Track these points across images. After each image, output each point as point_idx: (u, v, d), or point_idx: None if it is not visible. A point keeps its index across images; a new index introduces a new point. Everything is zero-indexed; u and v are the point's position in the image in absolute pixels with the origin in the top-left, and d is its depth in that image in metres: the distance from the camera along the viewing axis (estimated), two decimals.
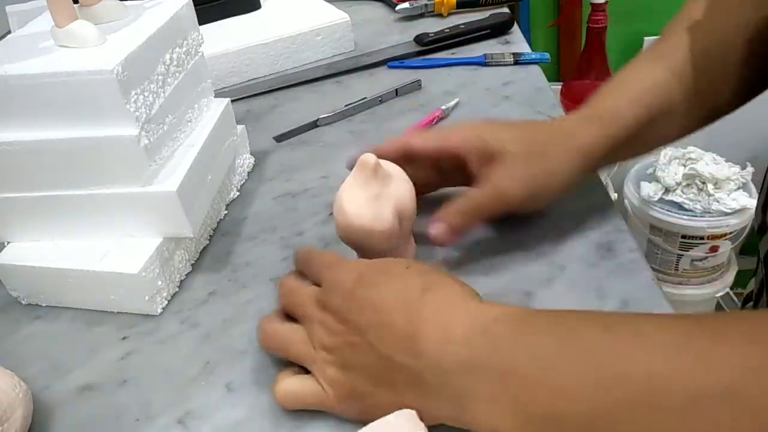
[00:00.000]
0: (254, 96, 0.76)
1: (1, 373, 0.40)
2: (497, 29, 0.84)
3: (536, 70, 0.75)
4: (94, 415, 0.41)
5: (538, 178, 0.44)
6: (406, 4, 0.91)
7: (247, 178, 0.62)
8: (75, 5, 0.46)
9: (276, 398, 0.39)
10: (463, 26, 0.83)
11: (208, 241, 0.54)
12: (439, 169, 0.49)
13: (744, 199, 1.41)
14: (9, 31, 0.72)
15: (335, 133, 0.67)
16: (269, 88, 0.77)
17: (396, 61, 0.80)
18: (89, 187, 0.47)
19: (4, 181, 0.47)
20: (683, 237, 1.45)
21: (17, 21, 0.71)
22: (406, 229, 0.44)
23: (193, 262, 0.52)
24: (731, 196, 1.42)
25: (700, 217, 1.42)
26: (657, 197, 1.46)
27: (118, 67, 0.41)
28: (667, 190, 1.47)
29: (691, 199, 1.44)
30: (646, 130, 0.46)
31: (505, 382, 0.31)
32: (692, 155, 1.47)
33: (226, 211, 0.58)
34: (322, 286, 0.39)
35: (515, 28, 0.85)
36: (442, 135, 0.47)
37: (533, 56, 0.76)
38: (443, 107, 0.67)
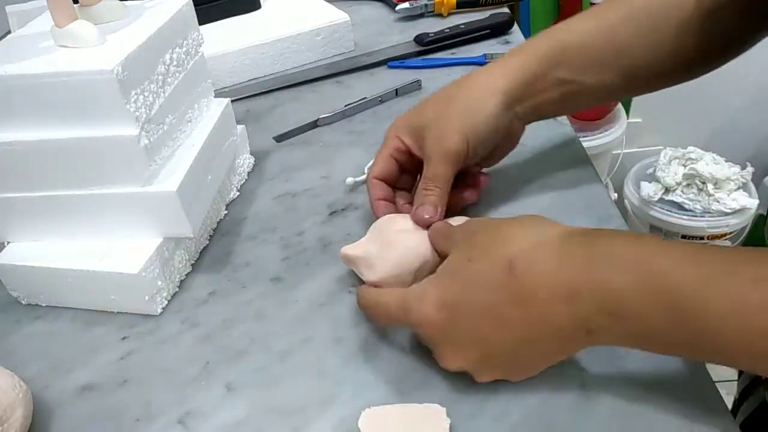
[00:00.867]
0: (254, 96, 0.76)
1: (1, 373, 0.40)
2: (497, 29, 0.84)
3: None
4: (94, 415, 0.41)
5: (464, 125, 0.47)
6: (406, 4, 0.91)
7: (247, 178, 0.62)
8: (75, 5, 0.46)
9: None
10: (463, 26, 0.83)
11: (208, 241, 0.54)
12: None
13: (744, 199, 1.41)
14: (9, 31, 0.72)
15: (335, 133, 0.67)
16: (269, 88, 0.77)
17: (396, 61, 0.80)
18: (89, 187, 0.47)
19: (4, 181, 0.47)
20: (683, 237, 1.45)
21: (17, 21, 0.71)
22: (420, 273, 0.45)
23: (193, 262, 0.52)
24: (731, 196, 1.42)
25: (700, 217, 1.42)
26: (657, 197, 1.46)
27: (118, 67, 0.41)
28: (667, 190, 1.47)
29: (691, 199, 1.44)
30: (564, 70, 0.48)
31: (643, 327, 0.33)
32: (692, 155, 1.47)
33: (226, 211, 0.58)
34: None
35: (515, 28, 0.85)
36: (387, 147, 0.50)
37: None
38: None
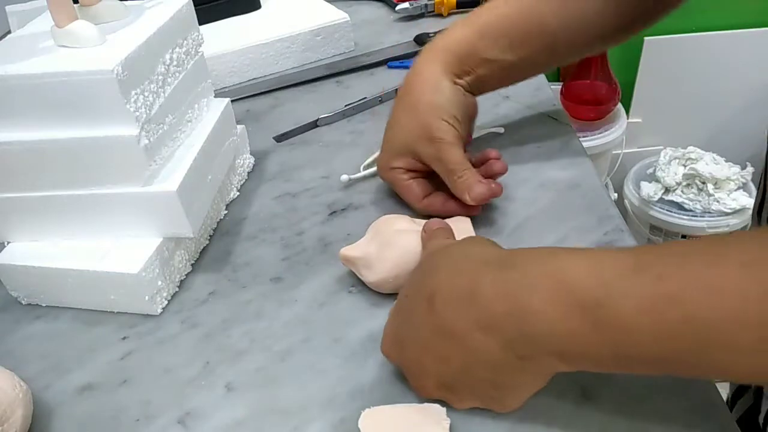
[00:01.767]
0: (254, 96, 0.76)
1: (1, 373, 0.40)
2: None
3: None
4: (94, 415, 0.41)
5: (434, 116, 0.50)
6: (406, 4, 0.91)
7: (247, 178, 0.62)
8: (75, 5, 0.46)
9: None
10: None
11: (208, 241, 0.54)
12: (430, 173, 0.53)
13: (744, 199, 1.41)
14: (9, 31, 0.72)
15: (335, 133, 0.67)
16: (269, 88, 0.77)
17: (396, 61, 0.80)
18: (89, 187, 0.47)
19: (4, 181, 0.47)
20: (683, 237, 1.45)
21: (17, 21, 0.71)
22: None
23: (193, 262, 0.52)
24: (731, 196, 1.42)
25: (700, 217, 1.42)
26: (657, 197, 1.46)
27: (118, 67, 0.41)
28: (667, 190, 1.47)
29: (691, 199, 1.44)
30: (485, 52, 0.52)
31: (578, 324, 0.31)
32: (692, 155, 1.47)
33: (226, 211, 0.58)
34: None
35: None
36: (399, 184, 0.53)
37: None
38: None
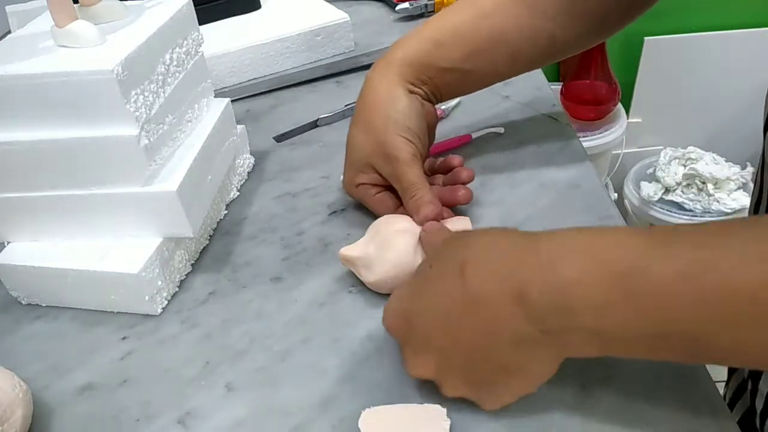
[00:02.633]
0: (254, 96, 0.76)
1: (1, 373, 0.40)
2: None
3: (536, 70, 0.75)
4: (94, 415, 0.41)
5: (390, 132, 0.49)
6: (406, 4, 0.91)
7: (247, 178, 0.62)
8: (75, 5, 0.46)
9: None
10: None
11: (208, 241, 0.54)
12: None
13: (744, 199, 1.41)
14: (9, 31, 0.72)
15: (335, 133, 0.67)
16: (269, 88, 0.77)
17: None
18: (89, 187, 0.47)
19: (4, 181, 0.47)
20: None
21: (17, 21, 0.71)
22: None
23: (193, 262, 0.52)
24: (731, 196, 1.42)
25: (700, 217, 1.42)
26: (657, 197, 1.46)
27: (118, 67, 0.41)
28: (667, 190, 1.47)
29: (691, 199, 1.44)
30: (441, 61, 0.52)
31: (615, 294, 0.31)
32: (692, 155, 1.47)
33: (226, 211, 0.58)
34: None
35: None
36: (368, 199, 0.53)
37: None
38: (443, 107, 0.67)
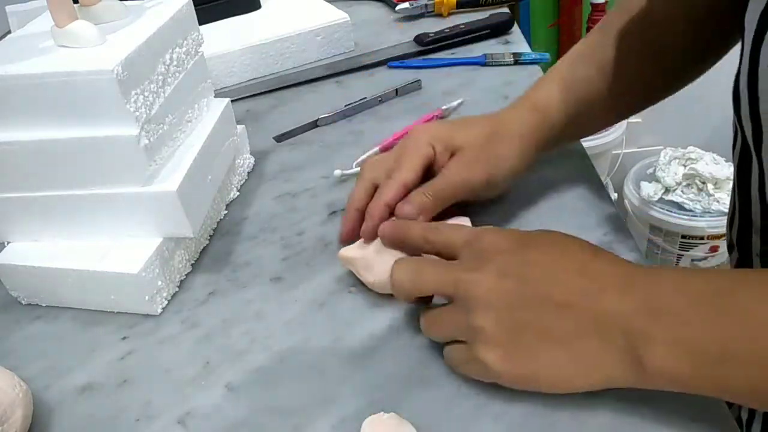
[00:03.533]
0: (254, 96, 0.76)
1: (1, 373, 0.40)
2: (497, 29, 0.84)
3: (536, 70, 0.75)
4: (94, 415, 0.41)
5: (492, 166, 0.49)
6: (406, 4, 0.91)
7: (247, 178, 0.62)
8: (75, 5, 0.46)
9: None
10: (463, 26, 0.83)
11: (208, 241, 0.54)
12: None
13: None
14: (9, 31, 0.72)
15: (335, 133, 0.67)
16: (269, 88, 0.77)
17: (396, 61, 0.80)
18: (89, 187, 0.47)
19: (4, 181, 0.47)
20: (683, 237, 1.45)
21: (17, 21, 0.71)
22: None
23: (193, 262, 0.52)
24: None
25: (700, 217, 1.42)
26: (657, 197, 1.46)
27: (118, 67, 0.41)
28: (667, 190, 1.47)
29: (691, 199, 1.44)
30: (574, 119, 0.52)
31: (683, 325, 0.33)
32: (692, 155, 1.47)
33: (226, 211, 0.58)
34: (463, 257, 0.39)
35: (515, 28, 0.85)
36: (420, 155, 0.49)
37: (533, 56, 0.76)
38: (444, 107, 0.67)
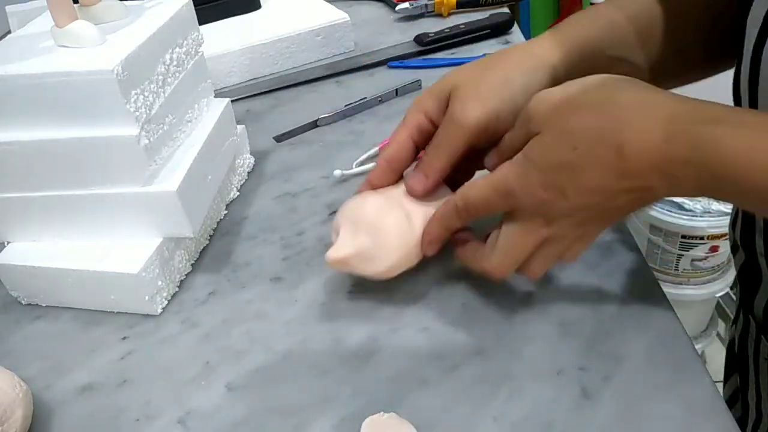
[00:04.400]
0: (254, 96, 0.76)
1: (1, 373, 0.40)
2: (497, 29, 0.84)
3: None
4: (94, 415, 0.41)
5: (493, 91, 0.42)
6: (406, 4, 0.91)
7: (247, 178, 0.62)
8: (75, 5, 0.46)
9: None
10: (463, 26, 0.83)
11: (208, 241, 0.54)
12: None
13: None
14: (9, 31, 0.72)
15: (335, 133, 0.67)
16: (269, 88, 0.77)
17: (396, 61, 0.80)
18: (89, 187, 0.47)
19: (4, 181, 0.47)
20: (683, 237, 1.45)
21: (17, 21, 0.71)
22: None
23: (193, 262, 0.52)
24: None
25: (700, 217, 1.42)
26: None
27: (118, 67, 0.41)
28: None
29: (691, 199, 1.44)
30: (599, 56, 0.46)
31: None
32: None
33: (226, 211, 0.58)
34: (527, 211, 0.39)
35: (515, 28, 0.85)
36: (405, 126, 0.45)
37: None
38: None
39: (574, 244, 0.40)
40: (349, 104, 0.70)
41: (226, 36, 0.81)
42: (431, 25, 0.87)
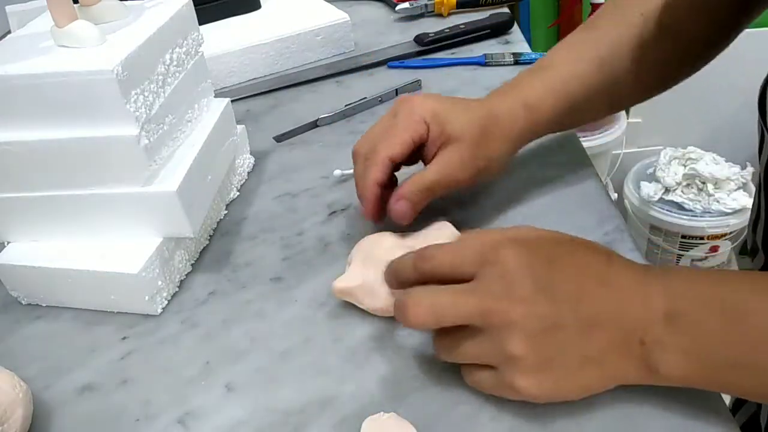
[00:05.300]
0: (254, 96, 0.76)
1: (1, 373, 0.40)
2: (497, 29, 0.84)
3: None
4: (94, 415, 0.41)
5: (481, 163, 0.48)
6: (406, 4, 0.91)
7: (247, 178, 0.62)
8: (75, 5, 0.46)
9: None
10: (463, 26, 0.83)
11: (208, 241, 0.54)
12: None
13: (744, 199, 1.41)
14: (9, 31, 0.72)
15: (335, 133, 0.67)
16: (269, 88, 0.77)
17: (396, 61, 0.80)
18: (89, 187, 0.47)
19: (4, 181, 0.47)
20: (683, 237, 1.45)
21: (17, 21, 0.71)
22: None
23: (193, 262, 0.52)
24: (731, 196, 1.42)
25: (700, 217, 1.42)
26: (657, 197, 1.46)
27: (118, 67, 0.41)
28: (667, 190, 1.47)
29: (691, 199, 1.44)
30: (566, 116, 0.51)
31: (696, 334, 0.34)
32: (692, 155, 1.47)
33: (226, 211, 0.58)
34: (483, 279, 0.36)
35: (515, 28, 0.85)
36: (412, 130, 0.47)
37: (533, 56, 0.76)
38: None
39: (505, 367, 0.36)
40: (349, 104, 0.70)
41: (226, 36, 0.81)
42: (431, 25, 0.87)
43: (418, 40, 0.82)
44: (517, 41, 0.83)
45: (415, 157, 0.50)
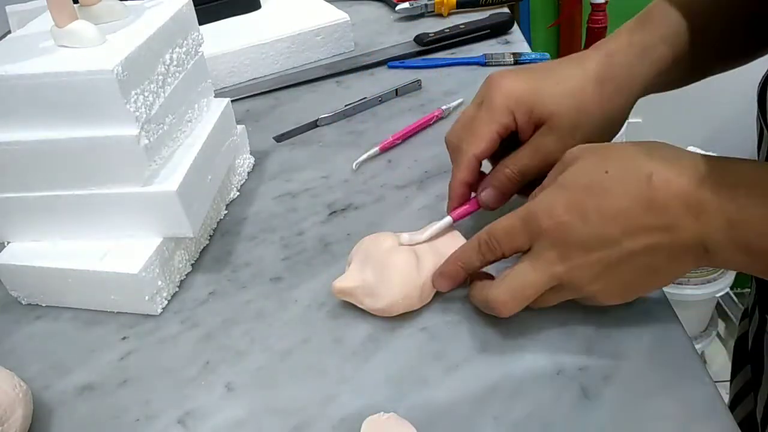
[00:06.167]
0: (254, 96, 0.76)
1: (1, 373, 0.40)
2: (497, 29, 0.84)
3: None
4: (94, 415, 0.41)
5: (585, 139, 0.44)
6: (406, 4, 0.91)
7: (247, 178, 0.62)
8: (75, 5, 0.46)
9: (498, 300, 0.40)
10: (463, 26, 0.83)
11: (208, 241, 0.54)
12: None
13: None
14: (9, 31, 0.72)
15: (335, 133, 0.67)
16: (269, 88, 0.77)
17: (396, 61, 0.80)
18: (89, 187, 0.47)
19: (4, 181, 0.47)
20: None
21: (17, 21, 0.71)
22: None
23: (193, 262, 0.52)
24: None
25: None
26: None
27: (118, 67, 0.41)
28: None
29: None
30: (668, 72, 0.46)
31: (756, 234, 0.34)
32: None
33: (226, 211, 0.58)
34: (545, 246, 0.39)
35: (515, 28, 0.85)
36: (497, 123, 0.45)
37: (533, 56, 0.76)
38: (444, 107, 0.67)
39: (590, 299, 0.40)
40: (349, 104, 0.70)
41: (226, 36, 0.81)
42: (431, 25, 0.87)
43: (418, 40, 0.82)
44: (517, 41, 0.83)
45: (512, 145, 0.46)
